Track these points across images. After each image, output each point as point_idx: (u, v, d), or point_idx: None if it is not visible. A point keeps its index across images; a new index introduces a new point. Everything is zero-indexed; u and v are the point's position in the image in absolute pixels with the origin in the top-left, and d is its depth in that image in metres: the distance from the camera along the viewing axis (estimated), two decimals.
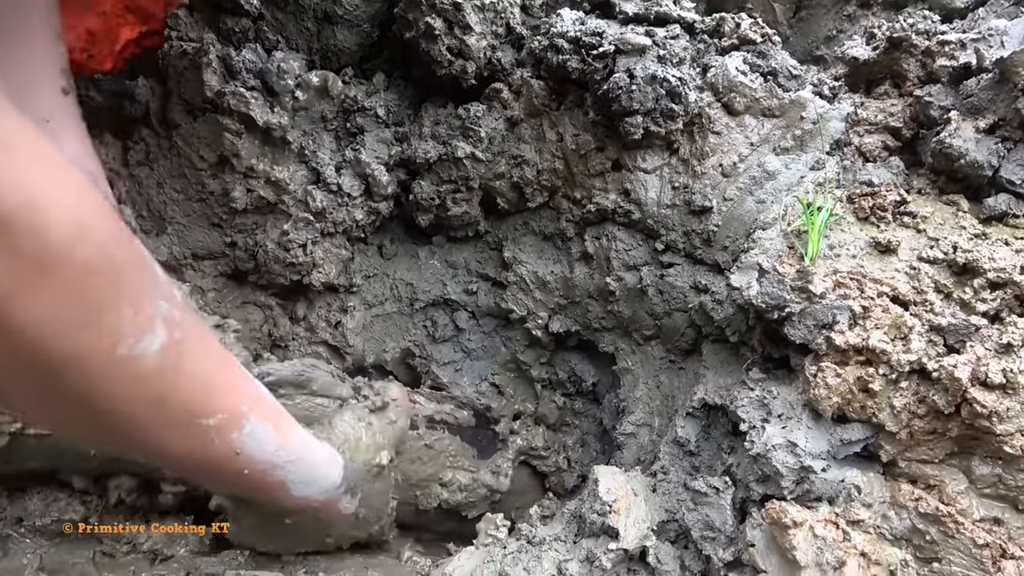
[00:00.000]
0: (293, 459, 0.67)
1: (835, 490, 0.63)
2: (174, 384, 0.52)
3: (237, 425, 0.59)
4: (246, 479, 0.64)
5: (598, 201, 0.91)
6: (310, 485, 0.70)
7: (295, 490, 0.69)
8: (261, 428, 0.62)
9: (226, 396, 0.58)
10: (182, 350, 0.52)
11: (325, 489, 0.72)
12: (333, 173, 0.93)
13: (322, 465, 0.72)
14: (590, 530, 0.69)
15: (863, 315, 0.66)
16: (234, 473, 0.62)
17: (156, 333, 0.49)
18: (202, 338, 0.56)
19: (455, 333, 1.02)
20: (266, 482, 0.66)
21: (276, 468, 0.65)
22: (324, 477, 0.72)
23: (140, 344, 0.48)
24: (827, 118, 0.84)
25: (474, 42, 0.92)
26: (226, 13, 0.98)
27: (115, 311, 0.46)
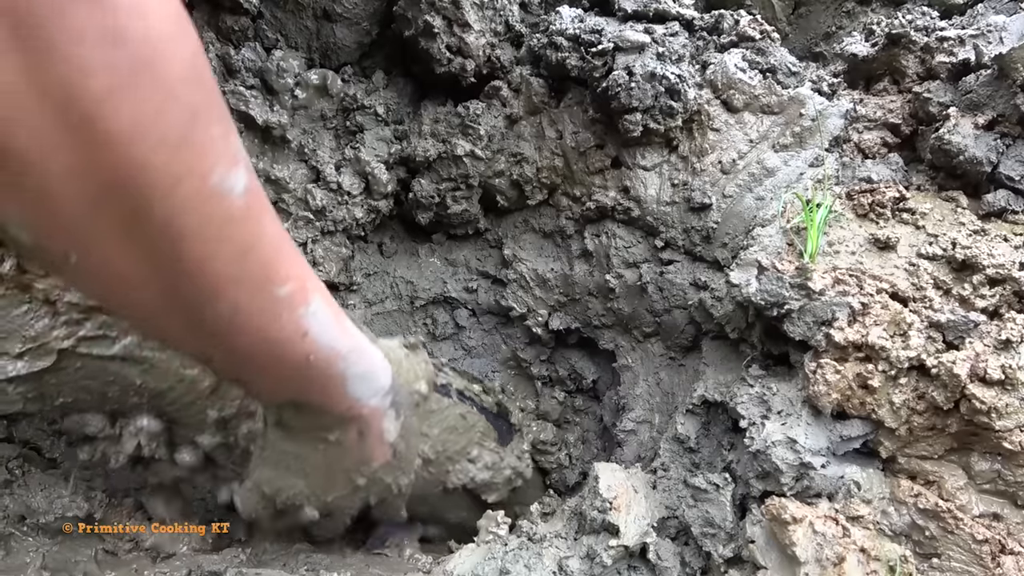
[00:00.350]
0: (354, 348, 0.62)
1: (835, 486, 0.64)
2: (257, 235, 0.47)
3: (304, 299, 0.54)
4: (309, 367, 0.58)
5: (598, 198, 0.91)
6: (366, 382, 0.65)
7: (352, 386, 0.63)
8: (324, 310, 0.56)
9: (296, 266, 0.53)
10: (261, 201, 0.47)
11: (377, 390, 0.67)
12: (333, 171, 0.93)
13: (377, 362, 0.67)
14: (590, 527, 0.69)
15: (862, 312, 0.67)
16: (300, 358, 0.57)
17: (241, 170, 0.44)
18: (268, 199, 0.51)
19: (455, 331, 1.02)
20: (327, 373, 0.60)
21: (339, 357, 0.60)
22: (378, 376, 0.67)
23: (231, 177, 0.43)
24: (826, 115, 0.84)
25: (473, 40, 0.92)
26: (225, 11, 0.98)
27: (209, 130, 0.41)
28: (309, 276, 0.55)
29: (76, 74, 0.35)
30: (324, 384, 0.61)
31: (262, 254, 0.48)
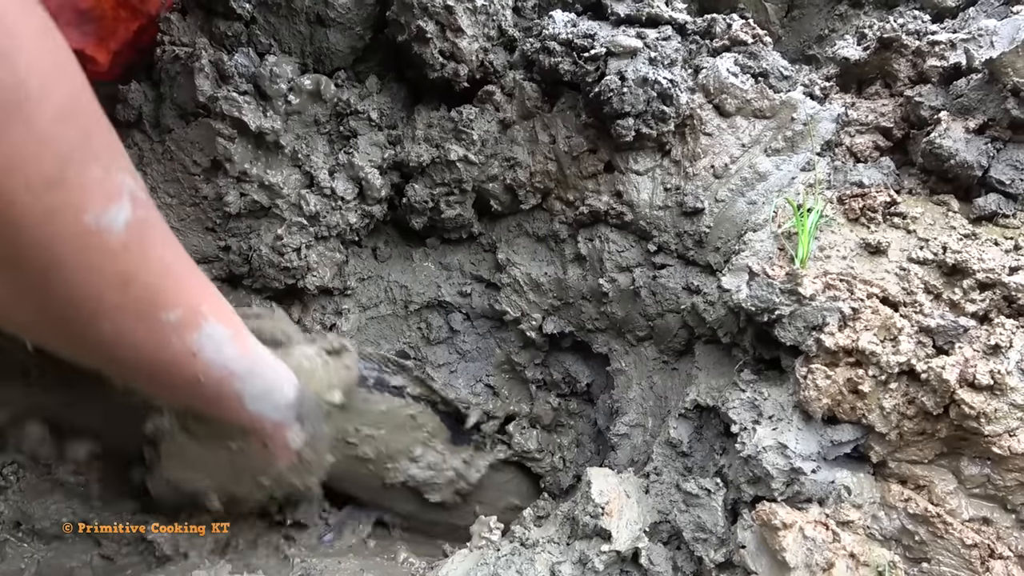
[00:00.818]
0: (250, 368, 0.63)
1: (825, 491, 0.64)
2: (140, 265, 0.48)
3: (195, 324, 0.55)
4: (201, 386, 0.60)
5: (591, 203, 0.91)
6: (265, 399, 0.67)
7: (250, 403, 0.65)
8: (220, 331, 0.58)
9: (187, 292, 0.54)
10: (147, 230, 0.48)
11: (278, 406, 0.68)
12: (326, 177, 0.94)
13: (278, 380, 0.68)
14: (583, 532, 0.69)
15: (853, 317, 0.67)
16: (190, 378, 0.58)
17: (123, 205, 0.44)
18: (164, 227, 0.52)
19: (450, 335, 1.03)
20: (222, 391, 0.62)
21: (233, 376, 0.62)
22: (280, 393, 0.68)
23: (108, 213, 0.44)
24: (817, 119, 0.85)
25: (466, 45, 0.92)
26: (218, 17, 0.98)
27: (84, 170, 0.42)
28: (205, 299, 0.57)
29: None
30: (219, 401, 0.63)
31: (145, 283, 0.49)
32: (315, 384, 0.74)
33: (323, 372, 0.76)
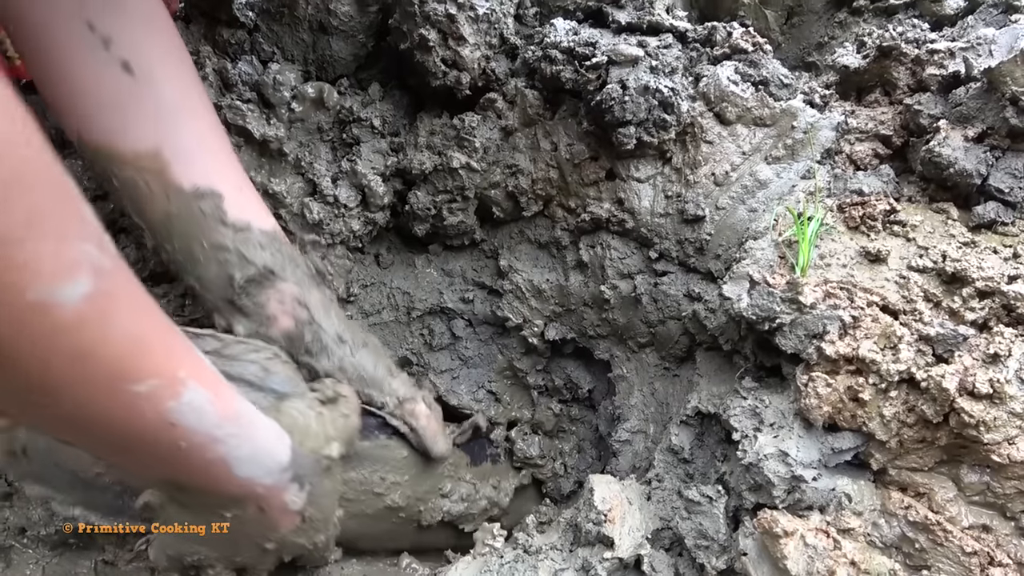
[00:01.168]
0: (236, 432, 0.60)
1: (826, 499, 0.64)
2: (99, 340, 0.46)
3: (173, 393, 0.53)
4: (183, 455, 0.57)
5: (592, 210, 0.92)
6: (255, 463, 0.64)
7: (238, 468, 0.62)
8: (200, 396, 0.55)
9: (161, 360, 0.52)
10: (111, 303, 0.46)
11: (271, 470, 0.66)
12: (330, 184, 0.94)
13: (268, 441, 0.66)
14: (585, 539, 0.70)
15: (853, 325, 0.67)
16: (169, 447, 0.56)
17: (79, 280, 0.43)
18: (134, 294, 0.50)
19: (452, 341, 1.03)
20: (205, 459, 0.59)
21: (217, 442, 0.59)
22: (270, 455, 0.66)
23: (59, 290, 0.42)
24: (818, 127, 0.85)
25: (468, 53, 0.93)
26: (222, 25, 0.98)
27: (31, 247, 0.40)
28: (183, 366, 0.54)
29: None
30: (204, 468, 0.61)
31: (107, 356, 0.47)
32: (310, 441, 0.71)
33: (317, 426, 0.73)
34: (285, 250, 0.81)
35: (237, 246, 0.78)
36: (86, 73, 0.73)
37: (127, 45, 0.73)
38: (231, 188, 0.79)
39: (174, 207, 0.77)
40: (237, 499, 0.66)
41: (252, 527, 0.69)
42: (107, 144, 0.76)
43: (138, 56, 0.73)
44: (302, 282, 0.82)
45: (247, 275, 0.78)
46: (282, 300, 0.80)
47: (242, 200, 0.80)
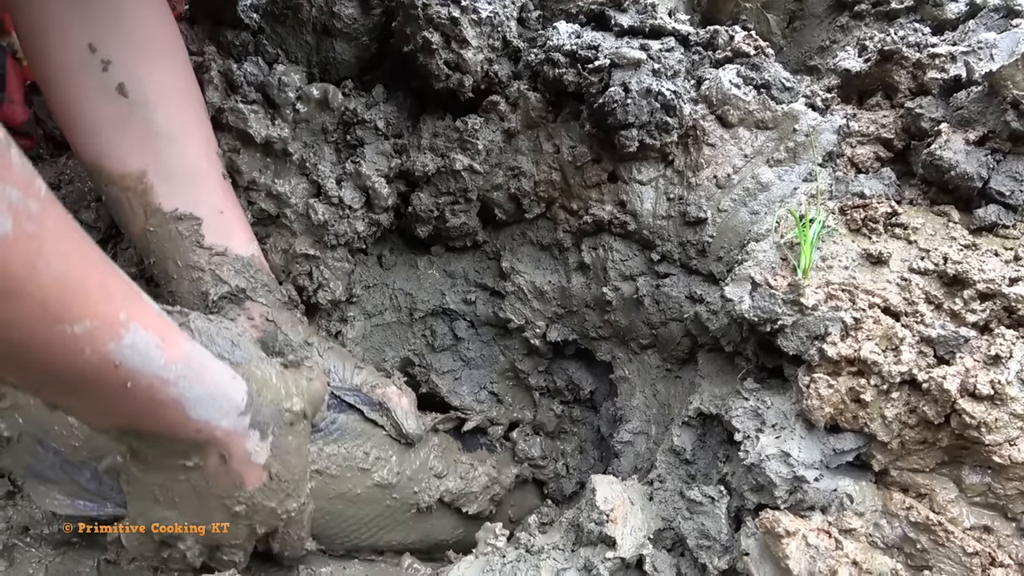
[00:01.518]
0: (185, 373, 0.60)
1: (828, 499, 0.65)
2: (26, 280, 0.47)
3: (114, 335, 0.53)
4: (131, 396, 0.57)
5: (594, 212, 0.92)
6: (209, 404, 0.64)
7: (192, 410, 0.62)
8: (145, 339, 0.56)
9: (99, 302, 0.52)
10: (37, 244, 0.46)
11: (226, 411, 0.65)
12: (334, 185, 0.94)
13: (222, 382, 0.65)
14: (587, 539, 0.70)
15: (855, 326, 0.68)
16: (116, 388, 0.56)
17: None
18: (68, 238, 0.50)
19: (454, 342, 1.04)
20: (157, 400, 0.59)
21: (167, 384, 0.59)
22: (224, 396, 0.65)
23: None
24: (819, 130, 0.86)
25: (471, 56, 0.93)
26: (226, 26, 0.99)
27: None
28: (124, 308, 0.55)
29: None
30: (156, 410, 0.61)
31: (37, 296, 0.48)
32: (269, 392, 0.71)
33: (278, 381, 0.73)
34: (260, 276, 0.86)
35: (212, 267, 0.83)
36: (81, 93, 0.77)
37: (125, 69, 0.77)
38: (212, 212, 0.83)
39: (153, 226, 0.81)
40: (196, 444, 0.66)
41: (216, 481, 0.69)
42: (96, 162, 0.80)
43: (134, 80, 0.77)
44: (273, 304, 0.86)
45: (220, 293, 0.83)
46: (251, 316, 0.85)
47: (222, 225, 0.84)
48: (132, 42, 0.77)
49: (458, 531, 0.93)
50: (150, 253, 0.84)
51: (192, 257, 0.82)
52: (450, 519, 0.92)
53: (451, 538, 0.93)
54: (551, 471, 1.01)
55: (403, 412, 0.86)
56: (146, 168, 0.79)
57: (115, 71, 0.76)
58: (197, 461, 0.67)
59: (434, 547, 0.93)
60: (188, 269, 0.83)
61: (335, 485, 0.80)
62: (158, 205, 0.81)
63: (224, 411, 0.66)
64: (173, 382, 0.60)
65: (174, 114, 0.81)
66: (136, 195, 0.80)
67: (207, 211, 0.83)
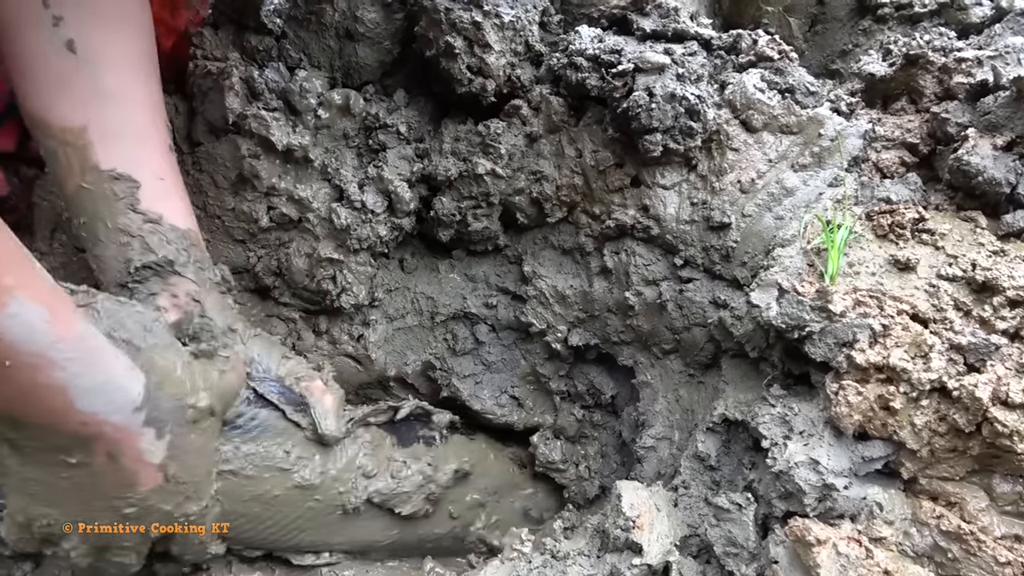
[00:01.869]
0: (75, 357, 0.55)
1: (857, 507, 0.64)
2: None
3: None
4: (9, 376, 0.53)
5: (617, 217, 0.92)
6: (99, 395, 0.58)
7: (79, 400, 0.57)
8: (32, 310, 0.51)
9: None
10: None
11: (119, 406, 0.60)
12: (356, 190, 0.95)
13: (116, 373, 0.60)
14: (614, 545, 0.70)
15: (883, 333, 0.67)
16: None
17: None
18: None
19: (475, 346, 1.04)
20: (39, 383, 0.54)
21: (53, 365, 0.54)
22: (118, 388, 0.60)
23: None
24: (845, 135, 0.85)
25: (494, 60, 0.93)
26: (249, 31, 0.99)
27: None
28: (9, 273, 0.51)
29: None
30: (38, 395, 0.56)
31: None
32: (171, 386, 0.65)
33: (183, 372, 0.67)
34: (194, 252, 0.82)
35: (142, 234, 0.78)
36: (32, 45, 0.76)
37: (76, 26, 0.76)
38: (151, 177, 0.80)
39: (87, 183, 0.78)
40: (81, 439, 0.60)
41: (103, 480, 0.63)
42: (39, 114, 0.78)
43: (85, 38, 0.76)
44: (203, 283, 0.81)
45: (145, 261, 0.78)
46: (175, 294, 0.79)
47: (160, 192, 0.81)
48: (86, 3, 0.76)
49: (392, 532, 0.88)
50: (81, 212, 0.79)
51: (123, 220, 0.78)
52: (382, 520, 0.87)
53: (385, 539, 0.88)
54: (572, 475, 1.01)
55: (323, 410, 0.81)
56: (87, 123, 0.77)
57: (65, 27, 0.75)
58: (82, 458, 0.62)
59: (367, 548, 0.89)
60: (117, 232, 0.78)
61: (251, 487, 0.76)
62: (96, 162, 0.78)
63: (116, 405, 0.60)
64: (60, 365, 0.55)
65: (123, 78, 0.79)
66: (75, 150, 0.78)
67: (146, 175, 0.80)
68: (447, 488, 0.91)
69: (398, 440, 0.89)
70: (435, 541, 0.93)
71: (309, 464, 0.79)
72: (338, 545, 0.87)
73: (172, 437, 0.66)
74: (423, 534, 0.92)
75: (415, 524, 0.90)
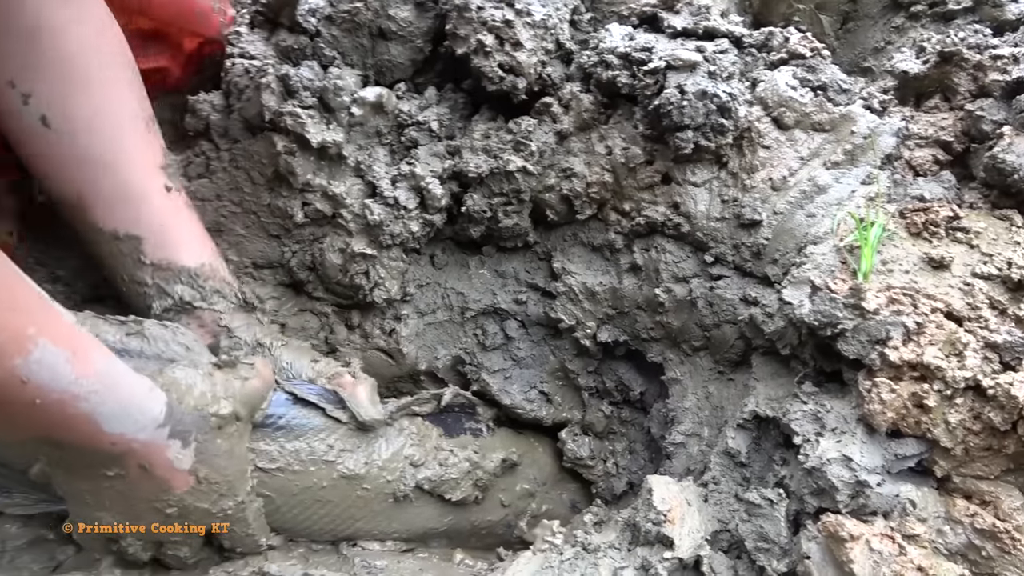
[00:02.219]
0: (97, 388, 0.61)
1: (890, 504, 0.64)
2: None
3: (20, 350, 0.54)
4: (41, 412, 0.58)
5: (647, 214, 0.92)
6: (124, 419, 0.64)
7: (106, 424, 0.63)
8: (54, 354, 0.56)
9: (6, 316, 0.53)
10: None
11: (143, 425, 0.65)
12: (389, 186, 0.96)
13: (136, 396, 0.66)
14: (644, 539, 0.71)
15: (917, 331, 0.67)
16: (24, 404, 0.57)
17: None
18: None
19: (505, 342, 1.05)
20: (68, 415, 0.60)
21: (78, 399, 0.59)
22: (140, 410, 0.65)
23: None
24: (878, 132, 0.85)
25: (525, 59, 0.94)
26: (285, 30, 1.01)
27: None
28: (33, 323, 0.56)
29: None
30: (68, 423, 0.61)
31: None
32: (192, 398, 0.71)
33: (204, 385, 0.73)
34: (209, 284, 0.87)
35: (157, 282, 0.85)
36: (12, 125, 0.80)
37: (45, 100, 0.78)
38: (152, 230, 0.84)
39: (96, 244, 0.85)
40: (114, 456, 0.66)
41: (141, 487, 0.69)
42: (38, 181, 0.84)
43: (56, 110, 0.79)
44: (227, 309, 0.87)
45: (165, 305, 0.85)
46: (203, 324, 0.87)
47: (165, 241, 0.85)
48: (50, 72, 0.78)
49: (446, 518, 0.91)
50: (100, 263, 0.87)
51: (137, 274, 0.84)
52: (433, 507, 0.90)
53: (440, 526, 0.91)
54: (600, 471, 1.02)
55: (358, 400, 0.84)
56: (80, 193, 0.81)
57: (35, 103, 0.78)
58: (118, 471, 0.68)
59: (424, 536, 0.92)
60: (134, 284, 0.85)
61: (299, 480, 0.80)
62: (98, 227, 0.83)
63: (140, 425, 0.66)
64: (84, 397, 0.60)
65: (104, 138, 0.82)
66: (76, 214, 0.83)
67: (146, 230, 0.84)
68: (495, 476, 0.94)
69: (445, 431, 0.93)
70: (488, 528, 0.96)
71: (353, 455, 0.83)
72: (395, 533, 0.90)
73: (198, 444, 0.71)
74: (476, 521, 0.94)
75: (467, 510, 0.92)
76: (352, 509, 0.85)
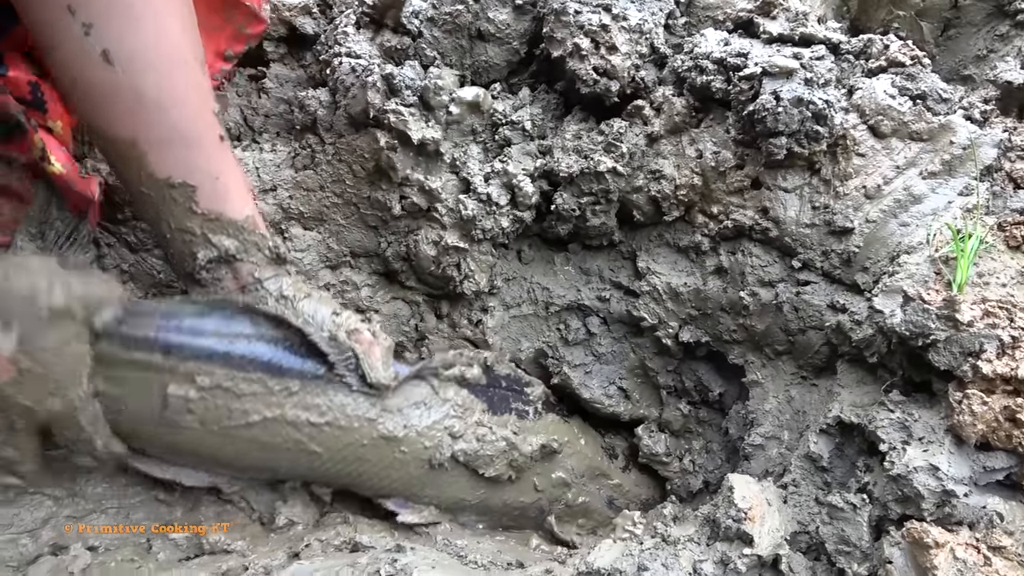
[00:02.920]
0: None
1: (976, 515, 0.65)
2: None
3: None
4: None
5: (735, 217, 0.94)
6: None
7: None
8: None
9: None
10: None
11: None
12: (482, 183, 1.00)
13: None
14: (724, 534, 0.73)
15: (1012, 345, 0.67)
16: None
17: None
18: None
19: (587, 337, 1.07)
20: None
21: None
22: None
23: None
24: (978, 143, 0.84)
25: (619, 62, 0.97)
26: (389, 30, 1.06)
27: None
28: None
29: None
30: None
31: None
32: (24, 282, 0.70)
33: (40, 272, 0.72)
34: (251, 238, 0.86)
35: (204, 232, 0.84)
36: (68, 56, 0.76)
37: (107, 32, 0.74)
38: (207, 179, 0.83)
39: (147, 189, 0.82)
40: None
41: None
42: (90, 124, 0.81)
43: (118, 46, 0.74)
44: (260, 262, 0.87)
45: (210, 256, 0.84)
46: (238, 277, 0.86)
47: (217, 191, 0.84)
48: (106, 3, 0.74)
49: (478, 492, 0.93)
50: (145, 212, 0.86)
51: (185, 222, 0.83)
52: (467, 479, 0.91)
53: (472, 499, 0.93)
54: (676, 468, 1.04)
55: (370, 361, 0.85)
56: (136, 136, 0.79)
57: (97, 35, 0.73)
58: None
59: (455, 506, 0.94)
60: (180, 232, 0.84)
61: (344, 436, 0.84)
62: (151, 171, 0.80)
63: None
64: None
65: (164, 80, 0.78)
66: (130, 160, 0.80)
67: (202, 178, 0.82)
68: (533, 460, 0.95)
69: (490, 407, 0.94)
70: (521, 510, 0.97)
71: (392, 418, 0.86)
72: (427, 498, 0.92)
73: (22, 332, 0.70)
74: (508, 500, 0.96)
75: (500, 488, 0.94)
76: (390, 470, 0.88)
